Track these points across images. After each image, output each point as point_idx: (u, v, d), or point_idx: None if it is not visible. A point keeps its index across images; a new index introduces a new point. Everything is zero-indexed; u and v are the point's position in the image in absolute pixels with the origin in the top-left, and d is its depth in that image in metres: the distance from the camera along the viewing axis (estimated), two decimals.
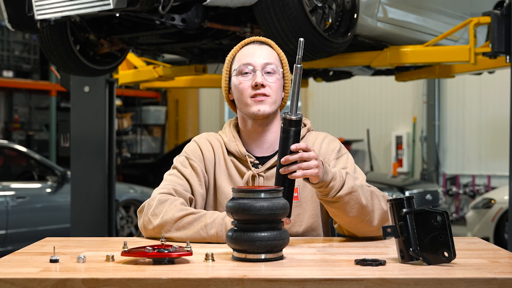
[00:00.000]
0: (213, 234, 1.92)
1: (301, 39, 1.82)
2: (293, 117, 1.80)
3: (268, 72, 2.08)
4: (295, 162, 1.80)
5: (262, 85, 2.06)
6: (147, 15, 3.81)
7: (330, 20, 4.04)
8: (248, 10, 3.87)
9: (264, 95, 2.07)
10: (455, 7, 5.40)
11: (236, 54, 2.15)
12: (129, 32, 4.64)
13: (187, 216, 1.96)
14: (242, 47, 2.15)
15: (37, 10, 4.02)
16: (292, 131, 1.80)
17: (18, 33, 12.32)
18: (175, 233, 1.95)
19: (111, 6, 3.64)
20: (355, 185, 1.93)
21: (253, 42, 2.14)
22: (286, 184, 1.80)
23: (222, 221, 1.93)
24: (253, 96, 2.07)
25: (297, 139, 1.81)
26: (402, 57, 4.81)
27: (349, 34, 4.15)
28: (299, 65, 1.81)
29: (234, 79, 2.12)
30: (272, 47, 2.14)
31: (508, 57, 4.31)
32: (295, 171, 1.79)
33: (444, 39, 4.95)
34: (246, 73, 2.08)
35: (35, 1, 4.01)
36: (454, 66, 5.81)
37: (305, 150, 1.80)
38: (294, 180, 1.82)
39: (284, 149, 1.80)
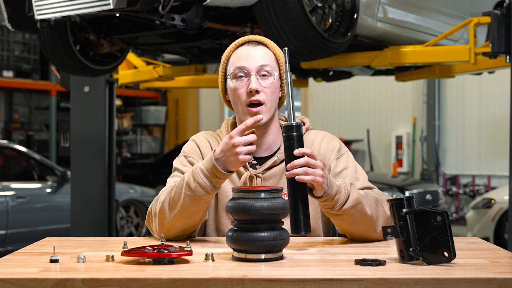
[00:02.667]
0: (196, 187, 1.86)
1: (286, 48, 1.84)
2: (293, 123, 1.79)
3: (263, 75, 2.03)
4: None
5: (257, 91, 2.01)
6: (147, 15, 3.80)
7: (330, 20, 4.04)
8: (248, 10, 3.87)
9: (259, 102, 2.02)
10: (455, 7, 5.40)
11: (230, 55, 2.09)
12: (129, 32, 4.63)
13: (169, 191, 1.94)
14: (237, 47, 2.09)
15: (37, 10, 4.01)
16: (294, 136, 1.78)
17: (18, 33, 12.32)
18: (172, 213, 1.92)
19: (111, 6, 3.63)
20: (360, 196, 1.91)
21: (248, 42, 2.08)
22: (299, 200, 1.77)
23: (196, 170, 1.87)
24: (249, 105, 2.03)
25: (300, 144, 1.79)
26: (402, 57, 4.80)
27: (349, 34, 4.15)
28: (289, 72, 1.81)
29: (229, 82, 2.07)
30: (267, 47, 2.08)
31: (508, 57, 4.30)
32: (302, 175, 1.75)
33: (444, 39, 4.95)
34: (241, 76, 2.04)
35: (35, 1, 4.01)
36: (454, 66, 5.80)
37: (310, 156, 1.78)
38: (307, 194, 1.79)
39: (289, 156, 1.78)
